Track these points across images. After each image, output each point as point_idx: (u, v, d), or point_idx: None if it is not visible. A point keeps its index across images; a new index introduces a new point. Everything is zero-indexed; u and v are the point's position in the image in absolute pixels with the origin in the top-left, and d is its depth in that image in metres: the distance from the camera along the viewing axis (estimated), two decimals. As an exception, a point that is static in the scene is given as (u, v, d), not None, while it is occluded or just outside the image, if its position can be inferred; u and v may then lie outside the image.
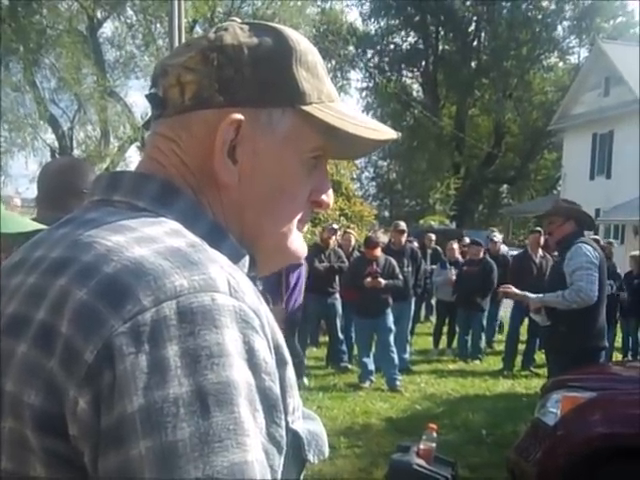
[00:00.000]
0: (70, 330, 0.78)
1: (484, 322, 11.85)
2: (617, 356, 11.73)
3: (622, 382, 5.58)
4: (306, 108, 1.00)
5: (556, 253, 8.98)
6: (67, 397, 0.77)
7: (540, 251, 10.85)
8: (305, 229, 1.10)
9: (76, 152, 25.22)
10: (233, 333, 0.79)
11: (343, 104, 1.06)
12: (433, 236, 14.83)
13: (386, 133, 1.06)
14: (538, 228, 11.42)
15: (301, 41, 1.02)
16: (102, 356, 0.76)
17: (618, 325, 11.81)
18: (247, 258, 0.97)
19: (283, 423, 0.84)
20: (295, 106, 0.99)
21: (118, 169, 13.96)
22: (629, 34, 41.12)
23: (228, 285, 0.82)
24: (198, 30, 24.33)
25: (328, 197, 1.08)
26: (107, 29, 26.02)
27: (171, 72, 0.98)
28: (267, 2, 27.02)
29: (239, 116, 0.95)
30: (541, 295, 6.11)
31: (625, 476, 4.61)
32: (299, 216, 1.05)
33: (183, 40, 12.35)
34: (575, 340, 5.74)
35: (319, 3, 39.49)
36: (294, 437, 0.91)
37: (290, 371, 0.91)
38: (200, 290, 0.79)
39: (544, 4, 40.57)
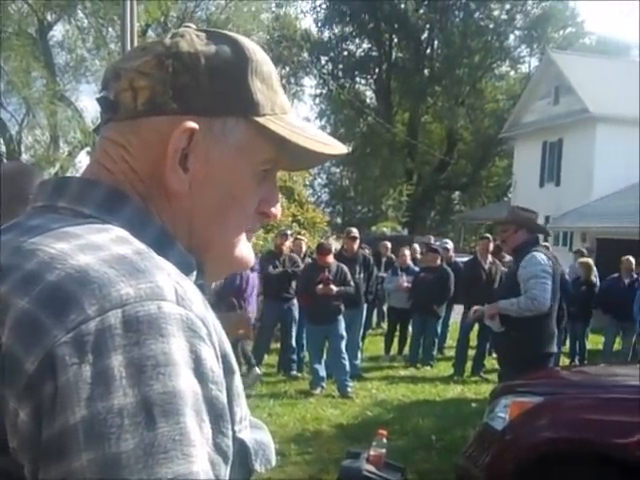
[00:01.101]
0: (10, 339, 0.77)
1: (439, 329, 11.97)
2: (565, 361, 11.90)
3: (569, 387, 5.66)
4: (259, 120, 0.99)
5: (508, 259, 9.11)
6: (7, 409, 0.76)
7: (490, 257, 10.99)
8: (253, 237, 1.10)
9: (24, 157, 24.86)
10: (180, 342, 0.78)
11: (296, 116, 1.06)
12: (389, 244, 14.93)
13: (336, 148, 1.07)
14: (487, 235, 11.56)
15: (257, 51, 1.02)
16: (44, 367, 0.75)
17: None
18: (195, 266, 0.96)
19: (230, 433, 0.84)
20: (249, 117, 0.99)
21: (68, 174, 13.77)
22: (578, 44, 41.89)
23: (175, 293, 0.81)
24: (151, 34, 24.17)
25: (276, 209, 1.09)
26: (57, 32, 25.70)
27: (124, 76, 0.97)
28: (221, 7, 26.97)
29: (192, 124, 0.95)
30: (499, 302, 6.22)
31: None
32: (247, 226, 1.05)
33: (136, 44, 12.20)
34: (527, 346, 5.83)
35: (273, 9, 39.55)
36: (241, 446, 0.91)
37: (237, 380, 0.90)
38: (146, 298, 0.78)
39: (496, 14, 41.08)
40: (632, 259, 11.48)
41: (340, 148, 1.08)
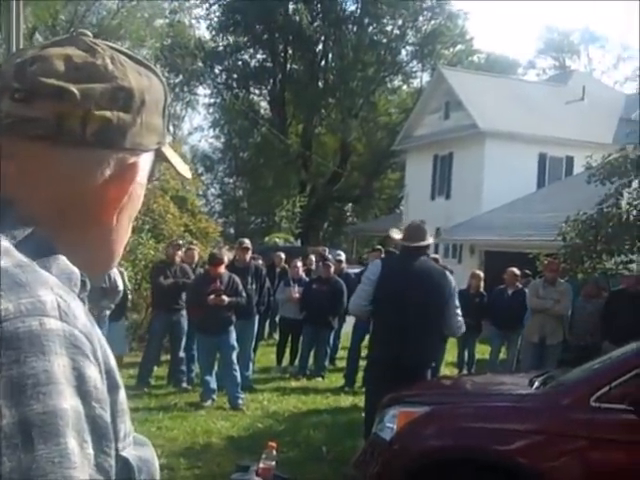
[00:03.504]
0: None
1: (331, 340, 12.06)
2: (452, 370, 12.18)
3: (456, 396, 5.79)
4: (163, 149, 1.04)
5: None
6: None
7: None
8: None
9: None
10: (62, 359, 0.75)
11: None
12: (283, 255, 14.97)
13: (187, 172, 1.13)
14: (379, 246, 11.71)
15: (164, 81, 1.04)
16: None
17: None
18: (79, 278, 0.94)
19: (113, 452, 0.81)
20: (159, 148, 1.02)
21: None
22: (468, 62, 43.13)
23: (58, 308, 0.78)
24: (38, 38, 23.48)
25: None
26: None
27: (73, 100, 0.92)
28: (113, 12, 26.46)
29: (137, 161, 0.97)
30: None
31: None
32: None
33: (21, 47, 11.84)
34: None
35: (167, 15, 39.14)
36: (124, 465, 0.88)
37: (122, 396, 0.88)
38: (27, 314, 0.75)
39: (388, 29, 41.82)
40: (516, 270, 11.85)
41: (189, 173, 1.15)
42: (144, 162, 1.00)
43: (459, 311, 6.32)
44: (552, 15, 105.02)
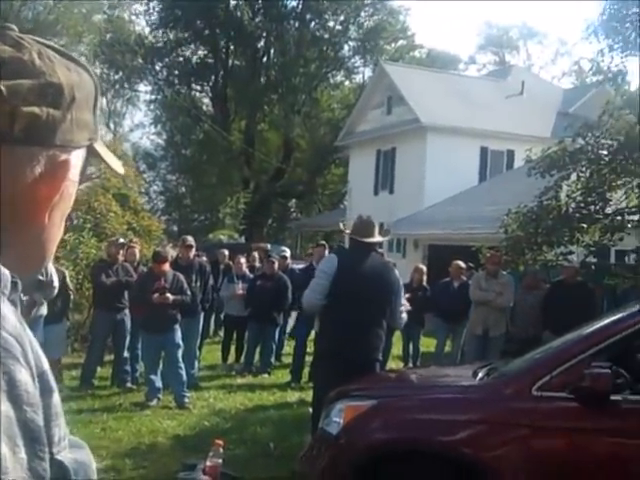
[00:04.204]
0: None
1: (276, 336, 12.05)
2: (398, 364, 12.28)
3: (401, 389, 5.84)
4: (95, 146, 1.02)
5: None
6: None
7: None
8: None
9: None
10: (-9, 364, 0.74)
11: None
12: (226, 252, 14.92)
13: (120, 167, 1.12)
14: (323, 242, 11.74)
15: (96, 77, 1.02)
16: None
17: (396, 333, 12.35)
18: (9, 280, 0.92)
19: (47, 456, 0.80)
20: (91, 144, 1.01)
21: None
22: (409, 57, 43.43)
23: None
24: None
25: None
26: None
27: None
28: (49, 7, 25.97)
29: (68, 158, 0.95)
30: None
31: (406, 479, 4.81)
32: None
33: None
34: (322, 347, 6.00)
35: (106, 11, 38.57)
36: (59, 468, 0.87)
37: (56, 399, 0.87)
38: None
39: (330, 24, 41.84)
40: (462, 263, 11.98)
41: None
42: (76, 159, 0.98)
43: (404, 305, 6.42)
44: (492, 11, 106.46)
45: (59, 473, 0.87)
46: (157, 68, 43.12)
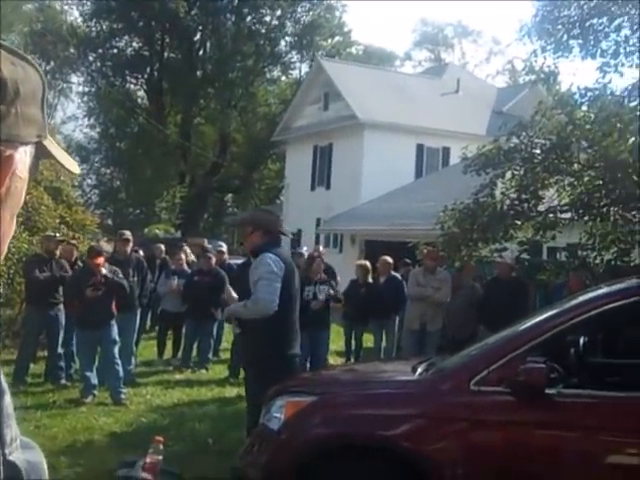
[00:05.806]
0: None
1: (214, 332, 11.99)
2: (338, 360, 12.34)
3: (342, 385, 5.86)
4: (46, 143, 1.00)
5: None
6: None
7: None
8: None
9: None
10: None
11: None
12: (163, 246, 14.80)
13: (75, 166, 1.10)
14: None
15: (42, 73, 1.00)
16: None
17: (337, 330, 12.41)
18: None
19: (0, 458, 0.79)
20: (40, 141, 0.99)
21: None
22: (346, 53, 43.62)
23: None
24: None
25: None
26: None
27: None
28: (-21, -4, 25.34)
29: (10, 152, 0.93)
30: (232, 305, 6.36)
31: (347, 473, 4.84)
32: None
33: None
34: (262, 347, 5.91)
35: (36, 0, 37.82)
36: (12, 469, 0.86)
37: (7, 400, 0.85)
38: None
39: (267, 19, 41.75)
40: (389, 259, 12.08)
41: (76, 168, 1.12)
42: (22, 155, 0.96)
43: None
44: (427, 9, 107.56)
45: (12, 474, 0.86)
46: (90, 59, 42.43)
